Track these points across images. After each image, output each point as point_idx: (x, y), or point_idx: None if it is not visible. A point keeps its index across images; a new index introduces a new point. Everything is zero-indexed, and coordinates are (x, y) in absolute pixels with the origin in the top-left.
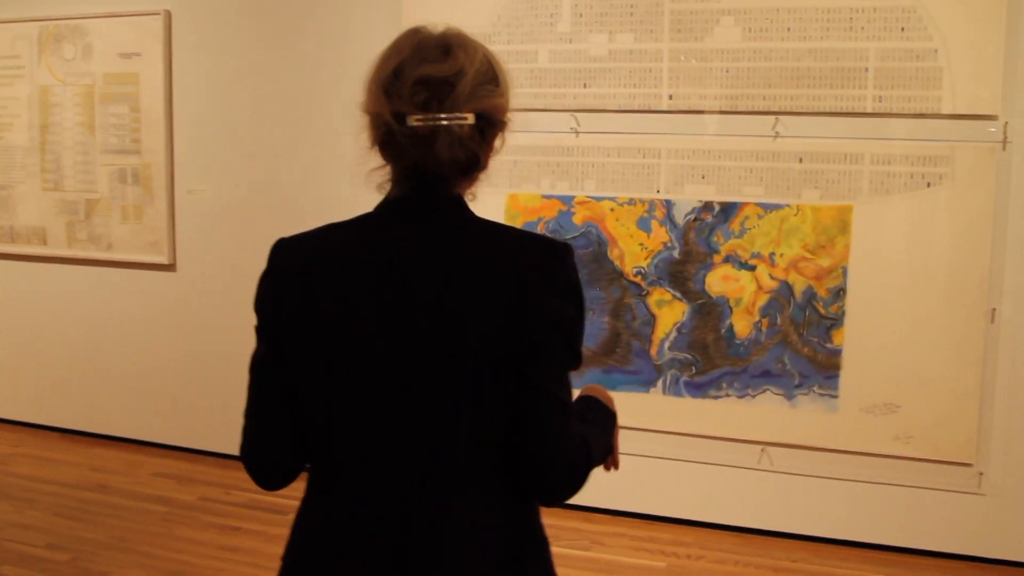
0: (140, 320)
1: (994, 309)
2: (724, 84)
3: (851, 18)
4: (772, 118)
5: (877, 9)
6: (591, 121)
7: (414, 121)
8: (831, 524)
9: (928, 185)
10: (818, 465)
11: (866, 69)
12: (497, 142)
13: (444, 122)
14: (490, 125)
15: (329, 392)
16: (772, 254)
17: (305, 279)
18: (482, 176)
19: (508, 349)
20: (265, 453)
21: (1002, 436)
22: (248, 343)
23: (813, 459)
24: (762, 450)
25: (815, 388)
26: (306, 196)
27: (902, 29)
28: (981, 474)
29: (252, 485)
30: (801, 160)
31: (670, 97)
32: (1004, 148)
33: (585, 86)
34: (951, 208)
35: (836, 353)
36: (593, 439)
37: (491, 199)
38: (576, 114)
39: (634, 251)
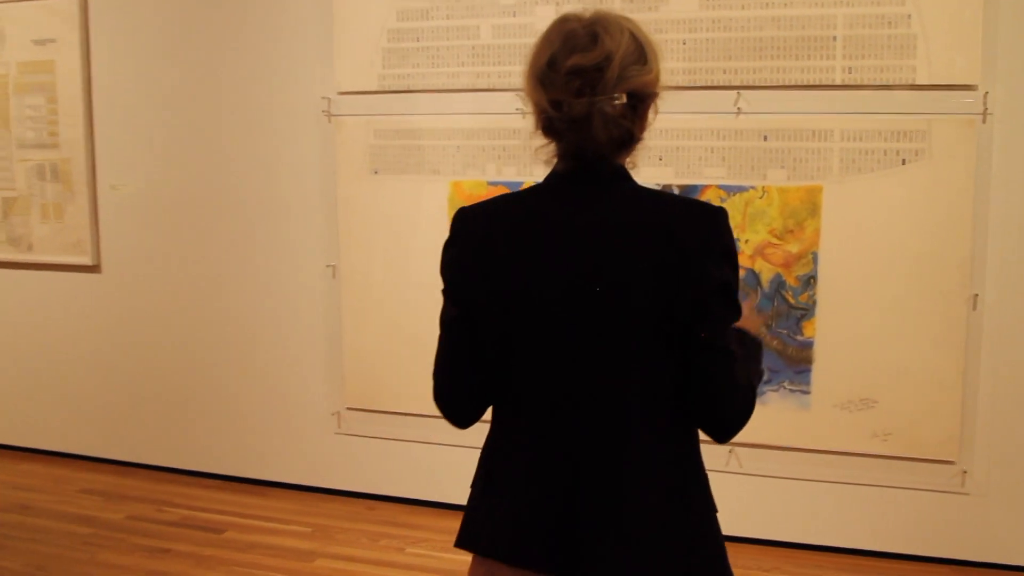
0: (64, 325)
1: (976, 295)
2: (681, 57)
3: None
4: (734, 93)
5: None
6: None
7: (569, 108)
8: (805, 529)
9: (903, 162)
10: (790, 466)
11: (834, 38)
12: (650, 114)
13: (597, 106)
14: (640, 101)
15: (514, 346)
16: (737, 240)
17: (488, 245)
18: (639, 146)
19: (672, 309)
20: (457, 399)
21: (987, 431)
22: (178, 345)
23: (785, 460)
24: (730, 451)
25: (785, 384)
26: (238, 190)
27: None
28: (965, 472)
29: (185, 501)
30: (766, 138)
31: None
32: (984, 120)
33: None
34: (928, 187)
35: (807, 346)
36: (752, 372)
37: (433, 187)
38: (522, 94)
39: None
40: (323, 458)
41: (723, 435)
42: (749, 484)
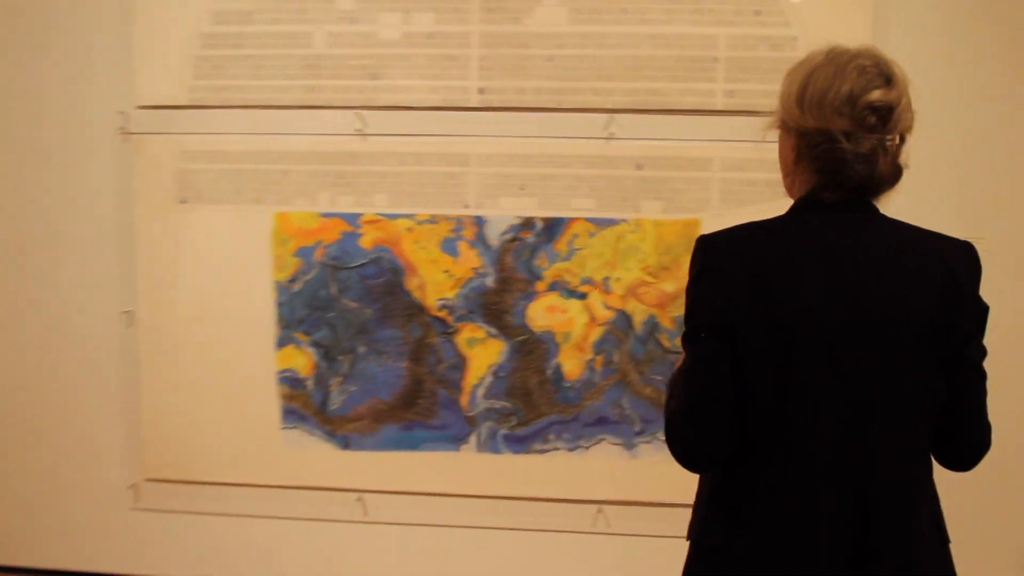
0: None
1: None
2: (547, 76)
3: None
4: (605, 117)
5: None
6: (381, 121)
7: (859, 141)
8: None
9: (785, 195)
10: (664, 523)
11: (715, 59)
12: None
13: (884, 142)
14: (903, 141)
15: (786, 382)
16: (607, 279)
17: (758, 277)
18: None
19: (949, 335)
20: (716, 439)
21: None
22: None
23: (659, 516)
24: (598, 510)
25: (660, 435)
26: (11, 222)
27: (756, 13)
28: None
29: None
30: (640, 167)
31: (481, 91)
32: None
33: (374, 77)
34: None
35: None
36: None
37: (254, 219)
38: (362, 112)
39: (438, 280)
40: (118, 539)
41: (973, 461)
42: (619, 544)
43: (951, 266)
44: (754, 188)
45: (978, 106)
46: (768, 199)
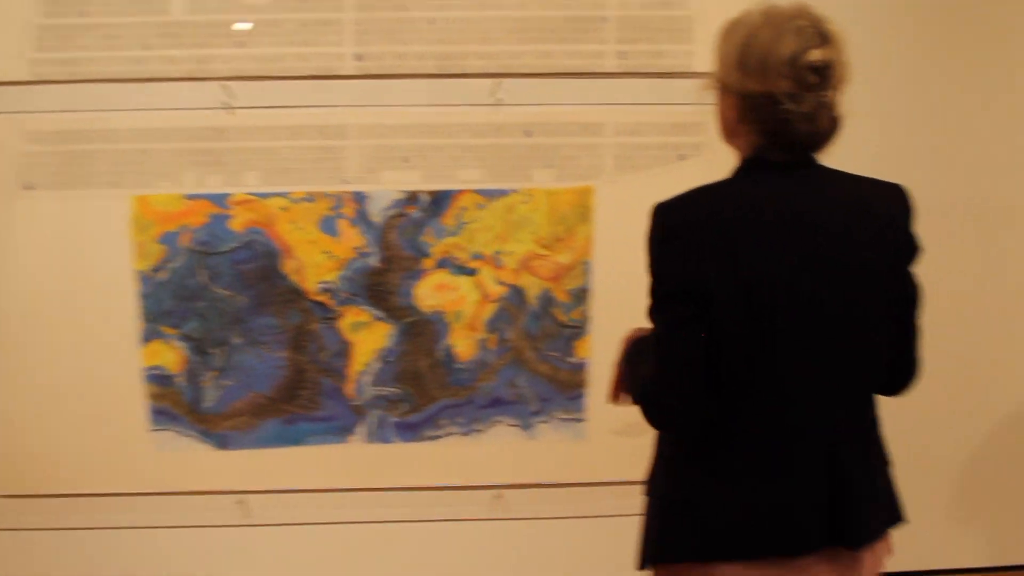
0: None
1: None
2: (429, 40)
3: None
4: (492, 82)
5: None
6: (250, 92)
7: (801, 100)
8: (584, 570)
9: (681, 158)
10: (565, 504)
11: (605, 19)
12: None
13: (824, 99)
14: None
15: (759, 339)
16: (498, 253)
17: (729, 235)
18: None
19: (900, 279)
20: (696, 400)
21: None
22: None
23: (559, 497)
24: (496, 495)
25: (558, 413)
26: None
27: None
28: None
29: None
30: (529, 134)
31: (358, 58)
32: None
33: (239, 45)
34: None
35: (581, 368)
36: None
37: (110, 204)
38: (228, 83)
39: (317, 262)
40: None
41: (905, 389)
42: (520, 529)
43: (891, 209)
44: (649, 152)
45: (894, 62)
46: (663, 163)
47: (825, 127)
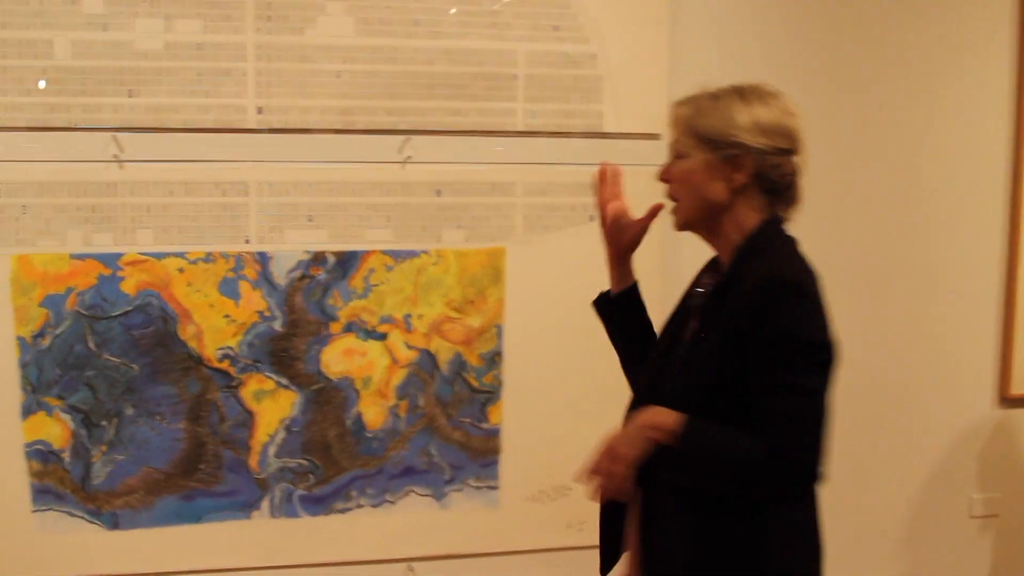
0: None
1: None
2: (335, 94)
3: (495, 11)
4: (400, 139)
5: (526, 1)
6: (143, 145)
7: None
8: None
9: (591, 219)
10: (476, 575)
11: (515, 76)
12: None
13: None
14: None
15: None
16: (408, 316)
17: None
18: None
19: None
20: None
21: None
22: None
23: (472, 568)
24: (408, 567)
25: (470, 481)
26: None
27: (555, 28)
28: None
29: None
30: (439, 193)
31: (259, 111)
32: None
33: (131, 94)
34: None
35: (494, 434)
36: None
37: None
38: (119, 135)
39: (217, 326)
40: None
41: None
42: None
43: None
44: (559, 213)
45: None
46: (573, 223)
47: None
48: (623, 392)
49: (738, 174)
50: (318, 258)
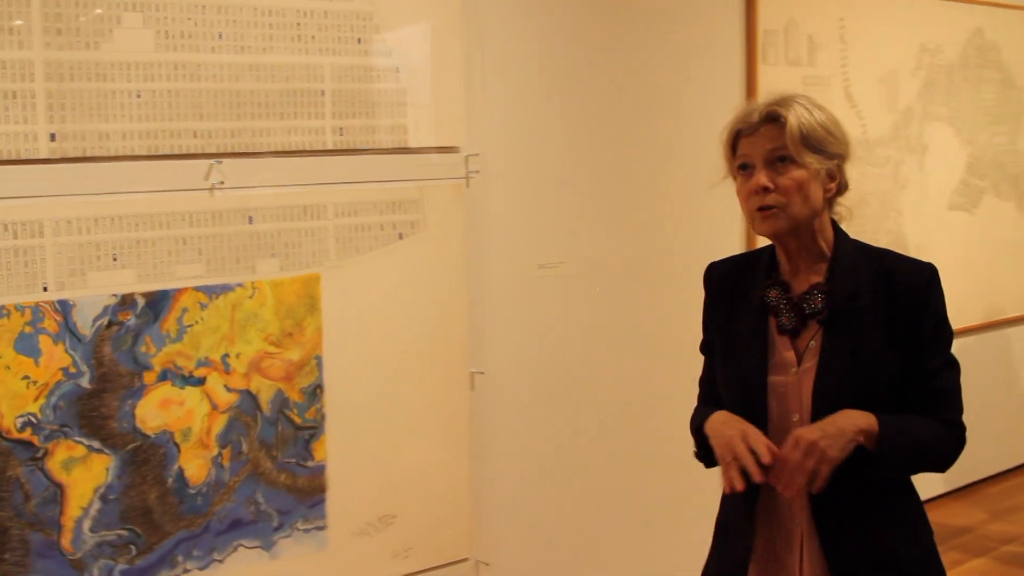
0: None
1: (474, 373)
2: (135, 116)
3: (299, 23)
4: (207, 163)
5: (329, 13)
6: None
7: None
8: None
9: (400, 237)
10: None
11: (322, 92)
12: None
13: None
14: None
15: None
16: (226, 356)
17: None
18: None
19: None
20: None
21: (500, 514)
22: None
23: None
24: None
25: (298, 524)
26: None
27: (359, 41)
28: (487, 564)
29: None
30: (251, 220)
31: (52, 137)
32: (468, 185)
33: None
34: (425, 262)
35: (320, 471)
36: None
37: None
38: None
39: (16, 391)
40: None
41: None
42: None
43: None
44: (370, 233)
45: (566, 122)
46: (384, 243)
47: None
48: (444, 415)
49: (833, 183)
50: (126, 301)
